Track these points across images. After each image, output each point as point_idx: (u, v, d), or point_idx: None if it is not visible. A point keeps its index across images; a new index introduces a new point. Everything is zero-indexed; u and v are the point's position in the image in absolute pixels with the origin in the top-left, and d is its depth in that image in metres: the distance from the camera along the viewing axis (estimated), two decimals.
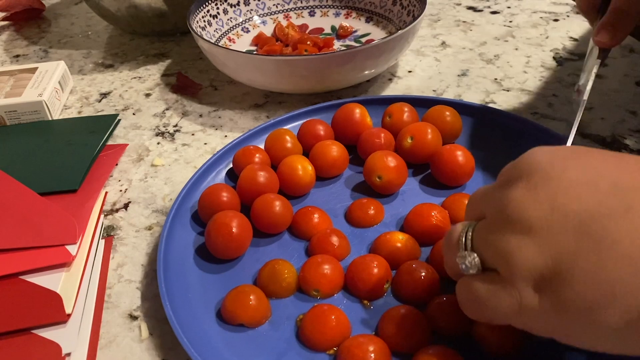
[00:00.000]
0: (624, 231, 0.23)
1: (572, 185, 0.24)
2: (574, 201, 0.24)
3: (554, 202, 0.24)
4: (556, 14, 0.70)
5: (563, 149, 0.27)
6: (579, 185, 0.24)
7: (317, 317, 0.33)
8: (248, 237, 0.39)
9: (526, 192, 0.25)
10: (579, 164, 0.25)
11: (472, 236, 0.28)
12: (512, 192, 0.26)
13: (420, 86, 0.58)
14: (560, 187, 0.25)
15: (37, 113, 0.55)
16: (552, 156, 0.26)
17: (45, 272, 0.37)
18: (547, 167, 0.25)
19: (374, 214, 0.41)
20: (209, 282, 0.37)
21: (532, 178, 0.25)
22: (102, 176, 0.47)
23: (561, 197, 0.24)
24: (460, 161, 0.43)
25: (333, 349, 0.33)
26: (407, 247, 0.38)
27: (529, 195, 0.25)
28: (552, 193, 0.25)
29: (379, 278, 0.36)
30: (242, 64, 0.53)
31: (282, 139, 0.46)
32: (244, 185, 0.42)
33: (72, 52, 0.71)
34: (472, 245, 0.27)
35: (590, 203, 0.24)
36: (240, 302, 0.34)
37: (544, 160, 0.26)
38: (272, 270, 0.37)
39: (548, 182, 0.25)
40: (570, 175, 0.25)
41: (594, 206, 0.24)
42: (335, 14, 0.69)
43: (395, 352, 0.32)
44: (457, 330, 0.33)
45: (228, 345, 0.33)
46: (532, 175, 0.25)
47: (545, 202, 0.24)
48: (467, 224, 0.29)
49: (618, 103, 0.53)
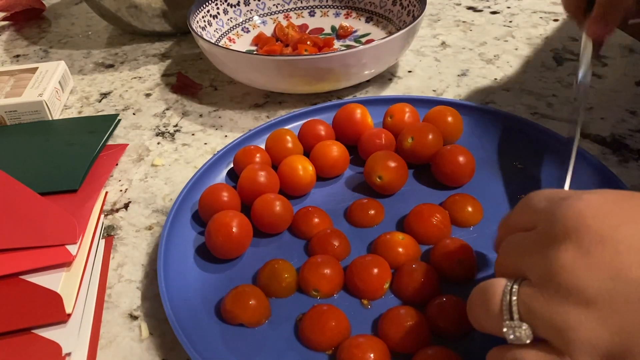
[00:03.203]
0: None
1: (629, 248, 0.22)
2: (636, 268, 0.22)
3: (612, 270, 0.22)
4: (556, 14, 0.70)
5: (604, 197, 0.24)
6: (637, 247, 0.22)
7: (317, 317, 0.33)
8: (248, 237, 0.39)
9: (579, 258, 0.23)
10: (629, 218, 0.23)
11: (518, 302, 0.25)
12: (561, 257, 0.23)
13: (420, 86, 0.58)
14: (616, 251, 0.22)
15: (37, 113, 0.55)
16: (597, 210, 0.24)
17: (45, 272, 0.37)
18: (596, 225, 0.23)
19: (374, 214, 0.41)
20: (209, 282, 0.37)
21: (582, 240, 0.23)
22: (103, 176, 0.47)
23: (619, 262, 0.22)
24: (460, 162, 0.43)
25: (332, 348, 0.33)
26: (407, 248, 0.38)
27: (583, 262, 0.23)
28: (608, 259, 0.22)
29: (378, 278, 0.36)
30: (242, 64, 0.53)
31: (282, 139, 0.46)
32: (245, 185, 0.42)
33: (72, 52, 0.71)
34: (519, 312, 0.25)
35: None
36: (240, 302, 0.34)
37: (590, 216, 0.23)
38: (272, 270, 0.37)
39: (602, 246, 0.23)
40: (624, 235, 0.23)
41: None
42: (335, 14, 0.69)
43: (394, 353, 0.32)
44: (457, 331, 0.33)
45: (228, 345, 0.33)
46: (580, 236, 0.23)
47: (602, 270, 0.22)
48: (506, 284, 0.26)
49: (618, 103, 0.53)
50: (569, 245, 0.23)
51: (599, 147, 0.48)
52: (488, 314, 0.26)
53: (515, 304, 0.25)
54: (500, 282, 0.26)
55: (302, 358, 0.33)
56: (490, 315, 0.26)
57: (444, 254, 0.37)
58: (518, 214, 0.29)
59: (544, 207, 0.26)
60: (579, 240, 0.23)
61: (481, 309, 0.27)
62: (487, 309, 0.26)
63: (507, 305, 0.25)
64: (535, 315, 0.24)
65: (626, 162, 0.46)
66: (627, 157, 0.47)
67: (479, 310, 0.27)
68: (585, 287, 0.22)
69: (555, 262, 0.23)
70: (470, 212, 0.40)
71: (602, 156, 0.47)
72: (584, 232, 0.23)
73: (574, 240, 0.23)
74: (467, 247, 0.37)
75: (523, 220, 0.28)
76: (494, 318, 0.25)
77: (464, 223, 0.40)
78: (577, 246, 0.23)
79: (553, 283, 0.23)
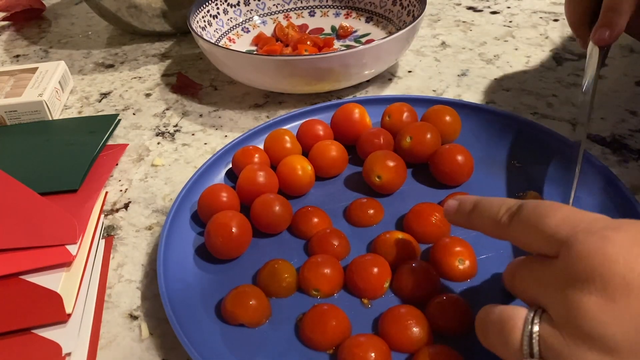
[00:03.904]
0: None
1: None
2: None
3: (638, 321, 0.22)
4: (556, 14, 0.70)
5: (634, 237, 0.23)
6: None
7: (317, 317, 0.33)
8: (248, 237, 0.39)
9: (604, 305, 0.22)
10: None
11: (539, 339, 0.24)
12: (584, 301, 0.23)
13: (420, 86, 0.58)
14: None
15: (37, 113, 0.55)
16: (626, 254, 0.23)
17: (45, 272, 0.37)
18: (625, 271, 0.22)
19: (373, 213, 0.41)
20: (209, 282, 0.37)
21: (608, 286, 0.22)
22: (103, 176, 0.47)
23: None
24: (459, 161, 0.43)
25: (333, 348, 0.33)
26: (407, 247, 0.38)
27: (608, 309, 0.22)
28: (635, 309, 0.22)
29: (378, 277, 0.36)
30: (242, 64, 0.53)
31: (281, 139, 0.46)
32: (244, 185, 0.42)
33: (72, 52, 0.71)
34: (539, 349, 0.24)
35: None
36: (241, 302, 0.34)
37: (617, 260, 0.22)
38: (272, 270, 0.37)
39: (628, 294, 0.22)
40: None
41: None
42: (335, 14, 0.69)
43: (395, 352, 0.32)
44: (457, 329, 0.33)
45: (228, 345, 0.33)
46: (606, 281, 0.22)
47: (628, 320, 0.22)
48: (526, 317, 0.25)
49: (618, 103, 0.53)
50: (592, 289, 0.23)
51: (599, 147, 0.48)
52: (507, 347, 0.25)
53: (537, 341, 0.24)
54: (519, 314, 0.25)
55: (303, 358, 0.33)
56: (509, 348, 0.25)
57: (443, 252, 0.37)
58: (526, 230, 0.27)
59: (565, 237, 0.25)
60: (604, 285, 0.22)
61: (499, 340, 0.26)
62: (506, 341, 0.25)
63: (528, 342, 0.24)
64: (556, 355, 0.24)
65: (626, 162, 0.46)
66: (627, 157, 0.47)
67: (496, 340, 0.26)
68: (609, 335, 0.22)
69: (578, 305, 0.23)
70: None
71: (602, 156, 0.47)
72: (610, 278, 0.22)
73: (599, 285, 0.22)
74: (466, 246, 0.37)
75: (537, 242, 0.26)
76: (513, 352, 0.25)
77: None
78: (602, 291, 0.22)
79: (576, 326, 0.23)
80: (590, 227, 0.24)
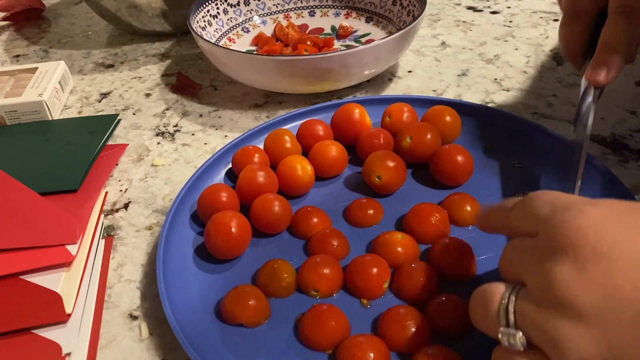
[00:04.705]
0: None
1: (624, 266, 0.23)
2: (629, 287, 0.22)
3: (605, 288, 0.23)
4: (556, 14, 0.70)
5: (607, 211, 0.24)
6: (632, 266, 0.22)
7: (317, 317, 0.33)
8: (247, 237, 0.39)
9: (575, 272, 0.23)
10: (629, 235, 0.23)
11: (515, 309, 0.25)
12: (557, 270, 0.24)
13: (420, 86, 0.58)
14: (612, 269, 0.23)
15: (37, 113, 0.55)
16: (597, 225, 0.24)
17: (45, 272, 0.37)
18: (594, 240, 0.23)
19: (373, 213, 0.41)
20: (209, 282, 0.37)
21: (579, 255, 0.23)
22: (102, 176, 0.47)
23: (613, 281, 0.23)
24: (459, 161, 0.43)
25: (332, 348, 0.33)
26: (407, 247, 0.38)
27: (578, 277, 0.23)
28: (603, 276, 0.23)
29: (378, 278, 0.36)
30: (242, 64, 0.53)
31: (281, 139, 0.46)
32: (243, 185, 0.42)
33: (72, 52, 0.71)
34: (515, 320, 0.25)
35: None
36: (240, 302, 0.34)
37: (589, 231, 0.24)
38: (272, 270, 0.37)
39: (598, 262, 0.23)
40: (620, 252, 0.23)
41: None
42: (335, 14, 0.69)
43: (394, 352, 0.32)
44: (456, 330, 0.33)
45: (228, 345, 0.33)
46: (578, 250, 0.23)
47: (597, 287, 0.23)
48: (504, 291, 0.26)
49: (618, 103, 0.53)
50: (565, 259, 0.24)
51: (599, 147, 0.48)
52: (486, 318, 0.27)
53: (512, 311, 0.25)
54: (499, 288, 0.27)
55: (302, 358, 0.33)
56: (487, 318, 0.27)
57: (443, 253, 0.37)
58: (519, 216, 0.29)
59: (545, 214, 0.26)
60: (576, 255, 0.23)
61: (480, 311, 0.27)
62: (486, 312, 0.27)
63: (504, 312, 0.26)
64: (529, 324, 0.25)
65: (626, 162, 0.46)
66: (627, 157, 0.47)
67: (478, 312, 0.28)
68: (578, 302, 0.23)
69: (551, 274, 0.24)
70: (469, 211, 0.40)
71: (602, 156, 0.47)
72: (582, 247, 0.23)
73: (572, 254, 0.24)
74: (466, 246, 0.37)
75: (525, 224, 0.28)
76: (491, 322, 0.26)
77: (463, 222, 0.40)
78: (573, 260, 0.23)
79: (549, 294, 0.24)
80: (568, 204, 0.26)
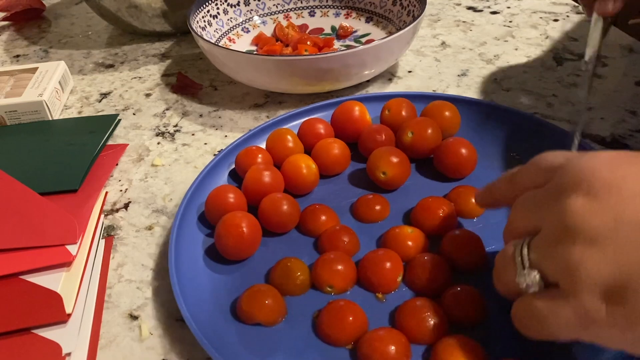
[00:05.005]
0: None
1: (633, 195, 0.24)
2: (637, 211, 0.24)
3: (617, 213, 0.24)
4: (556, 14, 0.70)
5: (618, 154, 0.26)
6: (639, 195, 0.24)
7: (335, 313, 0.34)
8: (258, 237, 0.39)
9: (587, 202, 0.25)
10: (637, 172, 0.25)
11: (529, 252, 0.27)
12: (571, 202, 0.25)
13: (421, 86, 0.58)
14: (622, 197, 0.24)
15: (37, 113, 0.55)
16: (609, 163, 0.26)
17: (45, 272, 0.36)
18: (607, 174, 0.25)
19: (380, 209, 0.42)
20: (221, 283, 0.37)
21: (592, 186, 0.25)
22: (103, 176, 0.47)
23: (623, 206, 0.24)
24: (463, 154, 0.43)
25: (352, 343, 0.33)
26: (417, 240, 0.38)
27: (591, 204, 0.25)
28: (614, 203, 0.24)
29: (391, 271, 0.36)
30: (242, 64, 0.53)
31: (283, 138, 0.46)
32: (250, 185, 0.42)
33: (72, 52, 0.71)
34: (529, 262, 0.27)
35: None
36: (256, 301, 0.34)
37: (602, 168, 0.25)
38: (285, 268, 0.37)
39: (609, 191, 0.25)
40: (630, 184, 0.25)
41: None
42: (335, 14, 0.69)
43: (414, 344, 0.33)
44: (473, 319, 0.34)
45: (246, 345, 0.33)
46: (591, 183, 0.25)
47: (608, 212, 0.24)
48: (518, 242, 0.28)
49: (618, 103, 0.53)
50: (579, 191, 0.25)
51: (599, 147, 0.48)
52: (505, 272, 0.28)
53: (526, 254, 0.27)
54: (513, 243, 0.28)
55: (322, 354, 0.33)
56: (507, 272, 0.28)
57: (453, 245, 0.37)
58: (528, 172, 0.30)
59: (559, 162, 0.28)
60: (589, 188, 0.25)
61: (499, 271, 0.29)
62: (503, 267, 0.29)
63: (519, 257, 0.27)
64: (544, 259, 0.26)
65: None
66: None
67: (498, 272, 0.29)
68: (591, 226, 0.24)
69: (565, 206, 0.25)
70: (475, 203, 0.41)
71: None
72: (595, 181, 0.25)
73: (585, 187, 0.25)
74: (475, 237, 0.37)
75: (534, 178, 0.29)
76: (510, 273, 0.28)
77: (469, 214, 0.41)
78: (587, 193, 0.25)
79: (562, 227, 0.25)
80: (581, 154, 0.28)
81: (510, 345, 0.32)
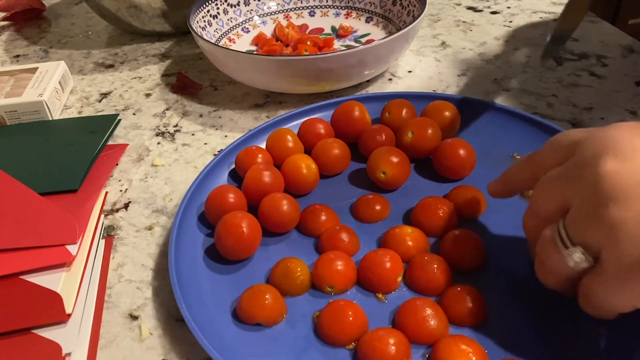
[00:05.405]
0: None
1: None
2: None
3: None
4: (556, 14, 0.70)
5: (637, 124, 0.27)
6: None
7: (335, 313, 0.34)
8: (258, 237, 0.39)
9: (618, 165, 0.25)
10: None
11: (567, 230, 0.27)
12: (602, 166, 0.26)
13: (420, 86, 0.58)
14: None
15: (37, 113, 0.55)
16: (631, 130, 0.27)
17: (45, 272, 0.36)
18: (633, 139, 0.26)
19: (380, 209, 0.42)
20: (221, 284, 0.37)
21: (620, 150, 0.26)
22: (103, 176, 0.47)
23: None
24: (462, 155, 0.43)
25: (352, 343, 0.33)
26: (417, 240, 0.38)
27: (622, 167, 0.25)
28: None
29: (391, 271, 0.36)
30: (242, 64, 0.53)
31: (283, 138, 0.46)
32: (250, 185, 0.42)
33: (72, 52, 0.71)
34: (570, 240, 0.27)
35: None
36: (257, 301, 0.34)
37: (625, 134, 0.27)
38: (285, 268, 0.37)
39: (636, 154, 0.26)
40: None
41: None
42: (335, 14, 0.69)
43: (414, 344, 0.33)
44: (473, 320, 0.34)
45: (247, 345, 0.33)
46: (618, 147, 0.26)
47: (636, 172, 0.25)
48: (554, 225, 0.28)
49: (618, 103, 0.53)
50: (607, 157, 0.26)
51: None
52: (549, 258, 0.28)
53: (564, 233, 0.27)
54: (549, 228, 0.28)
55: (323, 354, 0.33)
56: (550, 258, 0.28)
57: (453, 245, 0.37)
58: (549, 151, 0.31)
59: (582, 136, 0.28)
60: (617, 152, 0.26)
61: (543, 259, 0.29)
62: (546, 253, 0.29)
63: (558, 238, 0.27)
64: (585, 230, 0.26)
65: None
66: None
67: (542, 262, 0.29)
68: (626, 187, 0.25)
69: (598, 172, 0.26)
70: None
71: None
72: (622, 145, 0.26)
73: (612, 152, 0.26)
74: (475, 237, 0.37)
75: (555, 156, 0.30)
76: (554, 258, 0.28)
77: (469, 214, 0.41)
78: (615, 157, 0.26)
79: (596, 192, 0.26)
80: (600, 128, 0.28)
81: (510, 345, 0.32)
